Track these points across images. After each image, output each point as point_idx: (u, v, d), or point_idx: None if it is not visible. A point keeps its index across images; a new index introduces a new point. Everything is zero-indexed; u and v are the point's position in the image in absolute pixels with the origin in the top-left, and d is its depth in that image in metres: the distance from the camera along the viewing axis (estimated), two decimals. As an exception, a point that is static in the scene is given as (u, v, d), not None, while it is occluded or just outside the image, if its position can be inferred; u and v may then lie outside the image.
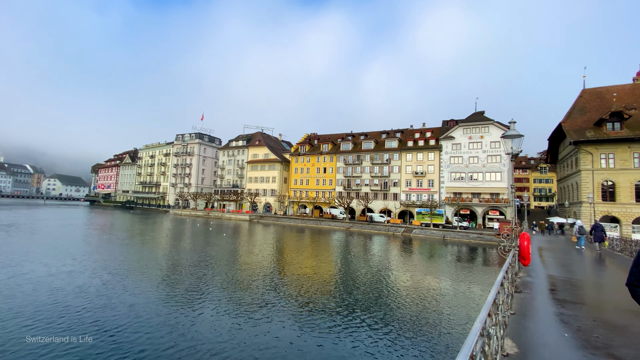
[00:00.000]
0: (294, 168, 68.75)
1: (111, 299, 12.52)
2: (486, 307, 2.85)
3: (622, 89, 43.88)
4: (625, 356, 4.13)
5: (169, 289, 14.32)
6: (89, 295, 12.87)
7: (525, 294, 7.33)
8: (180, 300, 12.83)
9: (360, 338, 10.03)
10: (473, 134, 52.00)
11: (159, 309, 11.73)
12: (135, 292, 13.67)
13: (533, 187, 79.28)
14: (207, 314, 11.46)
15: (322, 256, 25.66)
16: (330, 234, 42.69)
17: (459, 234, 43.69)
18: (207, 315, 11.30)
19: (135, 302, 12.27)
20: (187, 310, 11.67)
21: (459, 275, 20.67)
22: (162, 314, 11.22)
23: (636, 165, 36.88)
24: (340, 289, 15.74)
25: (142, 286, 14.57)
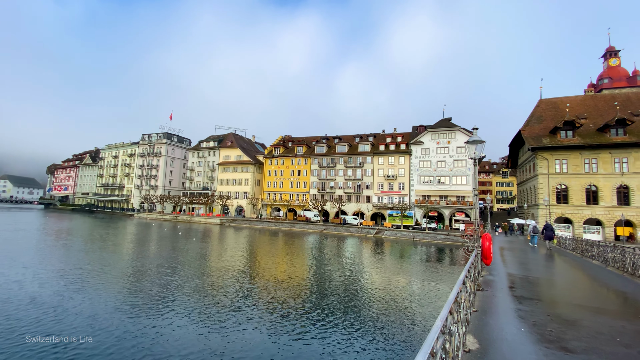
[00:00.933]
0: (267, 170, 67.94)
1: (66, 310, 11.59)
2: (447, 306, 2.94)
3: (574, 100, 47.82)
4: (576, 348, 4.44)
5: (133, 298, 13.52)
6: (39, 307, 11.82)
7: (487, 291, 7.69)
8: (144, 309, 12.15)
9: (331, 340, 10.02)
10: (441, 139, 54.26)
11: (121, 319, 11.02)
12: (94, 302, 12.75)
13: (496, 190, 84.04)
14: (174, 323, 10.93)
15: (295, 260, 25.48)
16: (304, 237, 42.54)
17: (427, 235, 45.23)
18: (174, 325, 10.77)
19: (95, 313, 11.45)
20: (152, 320, 11.07)
21: (427, 275, 21.36)
22: (124, 325, 10.54)
23: (586, 171, 40.22)
24: (312, 292, 15.68)
25: (103, 295, 13.64)
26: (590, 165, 40.10)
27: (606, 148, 39.26)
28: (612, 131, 39.70)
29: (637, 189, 37.94)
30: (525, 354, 4.20)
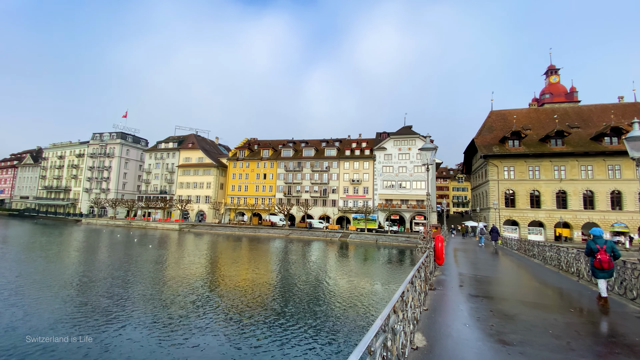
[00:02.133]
0: (231, 173, 66.07)
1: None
2: (390, 305, 2.98)
3: (520, 112, 52.33)
4: (512, 341, 4.75)
5: (76, 312, 12.31)
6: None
7: (439, 290, 8.04)
8: (88, 324, 11.10)
9: (291, 345, 9.87)
10: (402, 145, 56.56)
11: (63, 334, 9.96)
12: (33, 316, 11.42)
13: (452, 195, 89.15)
14: (123, 336, 10.10)
15: (259, 265, 24.93)
16: (269, 242, 41.82)
17: (389, 238, 46.64)
18: (122, 338, 9.95)
19: (34, 327, 10.25)
20: (98, 334, 10.14)
21: (389, 277, 21.94)
22: (67, 342, 9.53)
23: (530, 177, 44.07)
24: (275, 298, 15.39)
25: (43, 309, 12.26)
26: (533, 172, 44.02)
27: (547, 157, 43.38)
28: (552, 141, 43.97)
29: (573, 194, 42.27)
30: (467, 348, 4.42)
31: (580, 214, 41.64)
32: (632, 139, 6.73)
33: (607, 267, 6.81)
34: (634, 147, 6.74)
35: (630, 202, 39.89)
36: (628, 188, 40.16)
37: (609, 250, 6.91)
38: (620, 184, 40.59)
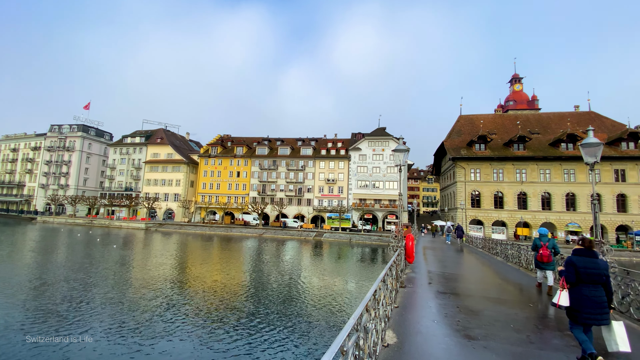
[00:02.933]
0: (203, 171, 64.05)
1: None
2: (363, 303, 2.98)
3: (486, 117, 55.08)
4: (477, 335, 4.94)
5: (29, 318, 11.33)
6: None
7: (409, 288, 8.23)
8: (45, 330, 10.25)
9: (264, 347, 9.70)
10: (376, 146, 57.68)
11: (13, 342, 9.10)
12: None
13: (422, 195, 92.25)
14: (82, 343, 9.42)
15: (231, 265, 24.34)
16: (241, 241, 41.00)
17: (363, 237, 47.38)
18: (81, 346, 9.27)
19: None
20: (55, 342, 9.38)
21: (362, 275, 22.24)
22: (18, 349, 8.72)
23: (495, 179, 46.53)
24: (247, 299, 15.08)
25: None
26: (498, 174, 46.53)
27: (510, 160, 46.02)
28: (515, 146, 46.70)
29: (532, 196, 45.15)
30: (435, 344, 4.53)
31: (538, 214, 44.60)
32: (587, 146, 7.25)
33: (547, 260, 8.20)
34: (588, 153, 7.26)
35: (583, 204, 43.29)
36: (581, 191, 43.55)
37: (550, 247, 8.24)
38: (575, 187, 43.94)
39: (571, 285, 4.23)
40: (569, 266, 4.23)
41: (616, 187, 42.76)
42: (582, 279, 4.10)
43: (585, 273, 4.08)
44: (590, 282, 4.06)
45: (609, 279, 4.13)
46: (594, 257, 4.17)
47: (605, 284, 4.09)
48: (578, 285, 4.15)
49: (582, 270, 4.10)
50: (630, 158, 42.41)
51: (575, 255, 4.31)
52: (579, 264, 4.14)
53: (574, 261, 4.21)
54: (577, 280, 4.15)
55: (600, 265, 4.10)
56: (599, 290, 4.05)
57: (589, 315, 3.98)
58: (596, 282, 4.06)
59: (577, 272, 4.13)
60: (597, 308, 3.98)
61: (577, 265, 4.14)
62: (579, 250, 4.35)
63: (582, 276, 4.09)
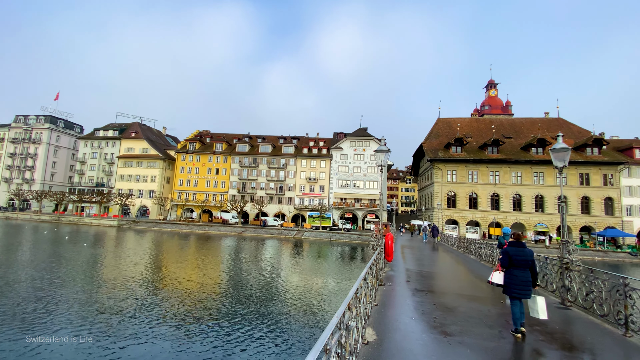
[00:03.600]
0: (180, 167, 62.21)
1: None
2: (345, 302, 3.00)
3: (463, 121, 56.95)
4: (453, 332, 5.11)
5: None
6: None
7: (388, 286, 8.38)
8: (6, 334, 9.60)
9: (244, 347, 9.57)
10: (357, 146, 58.29)
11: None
12: None
13: (401, 195, 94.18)
14: (49, 346, 8.91)
15: (208, 264, 23.82)
16: (220, 240, 40.21)
17: (343, 235, 47.78)
18: (48, 348, 8.77)
19: None
20: (19, 345, 8.81)
21: (341, 274, 22.41)
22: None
23: (470, 181, 48.20)
24: (226, 299, 14.82)
25: None
26: (472, 176, 48.25)
27: (484, 163, 47.83)
28: (489, 149, 48.57)
29: (504, 197, 47.15)
30: (413, 340, 4.65)
31: (510, 215, 46.68)
32: (556, 151, 7.65)
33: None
34: (557, 158, 7.67)
35: (551, 206, 45.73)
36: (549, 193, 45.97)
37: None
38: (543, 189, 46.32)
39: (505, 269, 5.37)
40: (505, 254, 5.33)
41: (581, 190, 45.48)
42: (513, 263, 5.22)
43: (516, 259, 5.20)
44: (520, 267, 5.19)
45: (534, 264, 5.30)
46: (522, 248, 5.29)
47: (531, 268, 5.25)
48: (510, 268, 5.27)
49: (514, 258, 5.21)
50: (594, 163, 45.23)
51: (510, 246, 5.38)
52: (511, 252, 5.24)
53: (508, 251, 5.30)
54: (509, 264, 5.26)
55: (527, 254, 5.23)
56: (526, 273, 5.19)
57: (518, 291, 5.12)
58: (524, 266, 5.19)
59: (510, 259, 5.24)
60: (524, 286, 5.13)
61: (510, 254, 5.24)
62: (512, 242, 5.47)
63: (513, 262, 5.21)
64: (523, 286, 5.16)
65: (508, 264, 5.31)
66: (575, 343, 4.95)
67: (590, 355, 4.52)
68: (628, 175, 45.78)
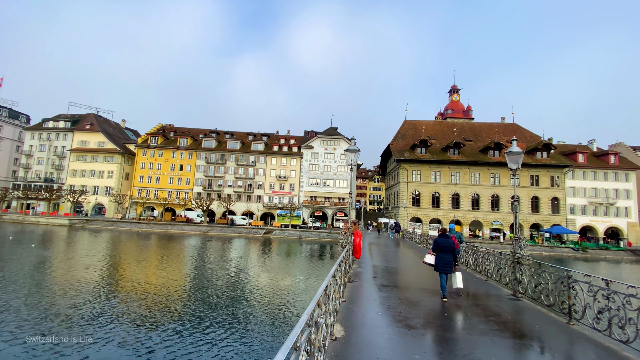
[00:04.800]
0: (140, 162, 58.78)
1: None
2: (315, 299, 3.01)
3: (428, 123, 59.42)
4: (416, 325, 5.32)
5: None
6: None
7: (356, 282, 8.55)
8: None
9: (209, 350, 9.27)
10: (328, 145, 58.75)
11: None
12: None
13: (369, 194, 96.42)
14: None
15: (171, 265, 22.78)
16: (183, 240, 38.61)
17: (312, 234, 47.95)
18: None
19: None
20: None
21: (310, 271, 22.48)
22: None
23: (433, 181, 50.44)
24: (190, 301, 14.26)
25: None
26: (435, 176, 50.57)
27: (446, 164, 50.30)
28: (451, 151, 51.13)
29: (464, 197, 49.93)
30: (379, 334, 4.78)
31: (469, 213, 49.57)
32: (511, 154, 8.24)
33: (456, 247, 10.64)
34: (511, 160, 8.27)
35: (506, 205, 49.19)
36: (504, 193, 49.41)
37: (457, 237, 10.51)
38: (499, 190, 49.69)
39: (435, 253, 7.49)
40: (435, 243, 7.49)
41: (531, 191, 49.40)
42: (440, 249, 7.36)
43: (442, 246, 7.35)
44: (444, 251, 7.33)
45: (454, 249, 7.40)
46: (446, 238, 7.44)
47: (452, 252, 7.35)
48: (438, 252, 7.40)
49: (441, 245, 7.36)
50: (543, 166, 49.31)
51: (439, 237, 7.56)
52: (439, 242, 7.41)
53: (437, 240, 7.48)
54: (437, 250, 7.40)
55: (449, 242, 7.36)
56: (448, 255, 7.30)
57: (443, 267, 7.30)
58: (447, 251, 7.31)
59: (438, 246, 7.38)
60: (447, 264, 7.30)
61: (438, 242, 7.40)
62: (440, 234, 7.66)
63: (440, 248, 7.36)
64: (446, 264, 7.27)
65: (437, 250, 7.41)
66: (525, 331, 5.37)
67: (538, 342, 4.93)
68: (572, 178, 50.55)
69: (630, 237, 49.36)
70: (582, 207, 50.36)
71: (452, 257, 7.29)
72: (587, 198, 50.49)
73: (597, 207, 50.44)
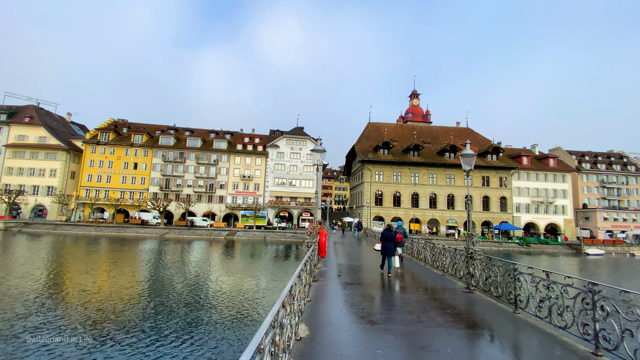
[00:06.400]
0: (89, 160, 54.07)
1: None
2: (280, 300, 2.98)
3: (390, 126, 61.55)
4: (379, 320, 5.48)
5: None
6: None
7: (321, 281, 8.60)
8: None
9: (171, 354, 8.76)
10: (294, 145, 58.53)
11: None
12: None
13: (335, 194, 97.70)
14: None
15: (123, 270, 21.25)
16: (138, 243, 36.20)
17: (278, 234, 47.45)
18: None
19: None
20: None
21: (275, 272, 22.21)
22: None
23: (394, 181, 52.37)
24: (147, 307, 13.39)
25: None
26: (397, 177, 52.61)
27: (407, 165, 52.52)
28: (411, 153, 53.48)
29: (423, 196, 52.44)
30: (343, 332, 4.86)
31: (427, 212, 52.20)
32: (465, 156, 8.81)
33: (400, 241, 12.26)
34: (465, 162, 8.84)
35: (460, 204, 52.50)
36: (458, 192, 52.71)
37: (402, 232, 12.47)
38: (454, 189, 52.91)
39: (381, 242, 9.98)
40: (381, 234, 10.10)
41: (482, 191, 53.24)
42: (385, 239, 9.89)
43: (385, 237, 9.88)
44: (387, 240, 9.88)
45: (394, 240, 9.99)
46: (389, 231, 10.08)
47: (393, 241, 9.93)
48: (383, 242, 9.92)
49: (385, 236, 9.91)
50: (493, 167, 53.38)
51: (384, 230, 10.22)
52: (384, 233, 10.04)
53: (383, 232, 10.16)
54: (383, 239, 9.91)
55: (391, 234, 9.95)
56: (390, 244, 9.85)
57: (386, 253, 9.88)
58: (389, 240, 9.85)
59: (383, 236, 9.91)
60: (389, 250, 9.86)
61: (383, 234, 10.00)
62: (385, 229, 10.31)
63: (384, 238, 9.89)
64: (389, 250, 9.89)
65: (382, 239, 10.02)
66: (477, 322, 5.77)
67: (488, 331, 5.32)
68: (518, 179, 55.36)
69: (566, 232, 55.25)
70: (526, 205, 55.34)
71: (393, 245, 9.86)
72: (530, 197, 55.60)
73: (539, 206, 55.74)
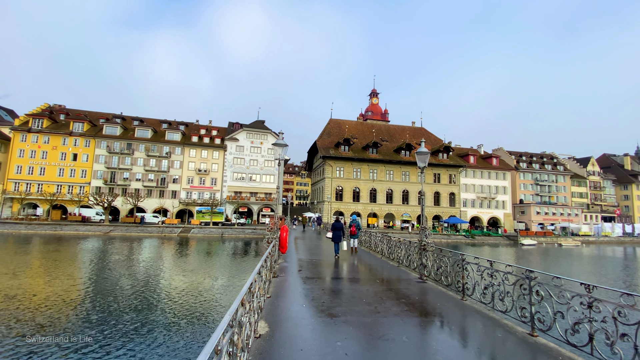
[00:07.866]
0: (18, 149, 47.82)
1: None
2: (239, 298, 2.87)
3: (351, 123, 62.72)
4: (338, 313, 5.56)
5: None
6: None
7: (281, 277, 8.53)
8: None
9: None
10: (255, 139, 57.14)
11: None
12: None
13: (296, 189, 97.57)
14: None
15: (60, 272, 19.19)
16: (78, 242, 32.92)
17: (236, 231, 46.18)
18: None
19: None
20: None
21: (233, 270, 21.59)
22: None
23: (354, 177, 53.63)
24: (90, 312, 12.24)
25: None
26: (356, 173, 53.94)
27: (366, 162, 54.05)
28: (370, 150, 55.09)
29: (380, 192, 54.41)
30: (303, 326, 4.86)
31: (384, 207, 54.33)
32: (420, 154, 9.25)
33: (353, 233, 14.70)
34: (420, 160, 9.29)
35: (413, 199, 55.38)
36: (412, 188, 55.55)
37: (356, 225, 14.72)
38: (408, 185, 55.64)
39: (332, 231, 13.01)
40: (332, 225, 13.18)
41: (434, 187, 56.69)
42: (335, 228, 12.98)
43: (334, 226, 13.05)
44: (336, 230, 12.90)
45: (342, 229, 13.26)
46: (338, 222, 13.17)
47: (342, 230, 13.13)
48: (332, 231, 12.97)
49: (334, 225, 13.09)
50: (444, 165, 57.03)
51: (334, 222, 13.24)
52: (334, 223, 13.15)
53: (333, 223, 13.19)
54: (333, 229, 12.96)
55: (339, 224, 13.11)
56: (339, 232, 12.86)
57: (335, 239, 12.85)
58: (338, 229, 12.90)
59: (333, 226, 13.07)
60: (338, 237, 12.85)
61: (334, 224, 13.14)
62: (335, 220, 14.00)
63: (334, 228, 13.01)
64: (338, 237, 12.71)
65: (332, 229, 12.94)
66: (429, 309, 6.13)
67: (439, 318, 5.67)
68: (465, 176, 59.79)
69: (505, 225, 61.06)
70: (472, 200, 60.06)
71: (342, 233, 12.93)
72: (476, 193, 60.43)
73: (483, 201, 60.83)
